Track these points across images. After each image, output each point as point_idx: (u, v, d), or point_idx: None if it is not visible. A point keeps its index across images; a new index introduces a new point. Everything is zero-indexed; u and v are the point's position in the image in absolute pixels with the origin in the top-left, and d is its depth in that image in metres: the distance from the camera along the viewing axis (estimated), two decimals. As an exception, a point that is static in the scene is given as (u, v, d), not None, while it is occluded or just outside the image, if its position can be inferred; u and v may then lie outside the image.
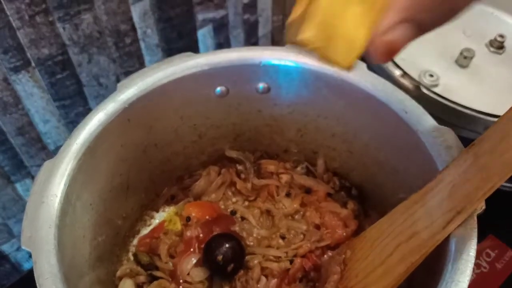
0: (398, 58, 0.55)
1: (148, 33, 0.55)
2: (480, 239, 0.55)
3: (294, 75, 0.41)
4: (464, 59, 0.60)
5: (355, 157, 0.45)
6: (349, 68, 0.27)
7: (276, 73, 0.41)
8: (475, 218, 0.30)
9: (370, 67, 0.40)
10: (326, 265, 0.41)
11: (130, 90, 0.38)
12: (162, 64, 0.40)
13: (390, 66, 0.51)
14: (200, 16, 0.60)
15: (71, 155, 0.34)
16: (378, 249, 0.35)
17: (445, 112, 0.51)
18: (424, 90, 0.49)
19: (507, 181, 0.57)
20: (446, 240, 0.30)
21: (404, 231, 0.33)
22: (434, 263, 0.30)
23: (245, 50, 0.41)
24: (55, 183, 0.33)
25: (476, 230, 0.30)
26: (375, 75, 0.38)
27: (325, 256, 0.43)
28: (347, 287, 0.37)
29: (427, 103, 0.47)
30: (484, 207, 0.30)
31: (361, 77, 0.38)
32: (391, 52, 0.25)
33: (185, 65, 0.40)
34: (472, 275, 0.53)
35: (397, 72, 0.51)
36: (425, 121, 0.35)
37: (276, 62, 0.40)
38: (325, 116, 0.44)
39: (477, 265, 0.52)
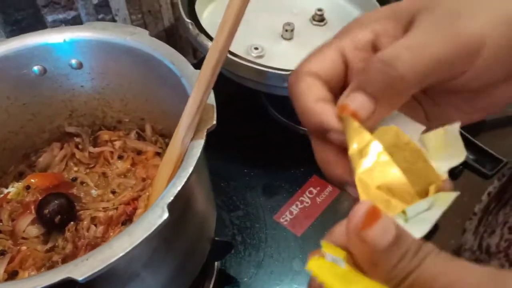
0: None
1: (-4, 35, 0.61)
2: (305, 180, 0.64)
3: (95, 48, 0.48)
4: (286, 32, 0.69)
5: (168, 116, 0.52)
6: None
7: (81, 48, 0.48)
8: (205, 132, 0.37)
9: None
10: (140, 204, 0.48)
11: None
12: (-25, 50, 0.46)
13: (204, 40, 0.60)
14: (49, 18, 0.66)
15: None
16: (161, 175, 0.43)
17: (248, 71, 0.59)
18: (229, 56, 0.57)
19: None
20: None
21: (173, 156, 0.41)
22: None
23: (49, 30, 0.48)
24: None
25: (203, 141, 0.37)
26: (155, 40, 0.46)
27: (148, 201, 0.50)
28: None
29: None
30: (214, 124, 0.38)
31: (144, 42, 0.46)
32: (349, 114, 0.24)
33: (-4, 48, 0.46)
34: (297, 209, 0.61)
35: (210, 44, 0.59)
36: (187, 68, 0.43)
37: (77, 38, 0.48)
38: (134, 82, 0.51)
39: (300, 201, 0.60)
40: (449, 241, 0.60)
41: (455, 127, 0.25)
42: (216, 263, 0.54)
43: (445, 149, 0.24)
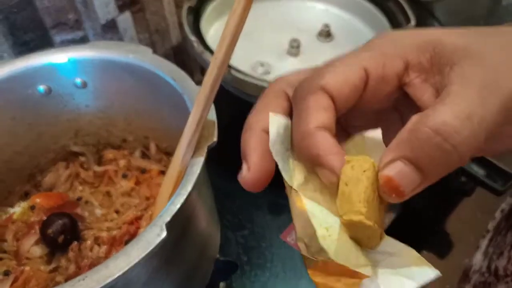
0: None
1: (5, 57, 0.62)
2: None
3: (99, 67, 0.48)
4: (292, 49, 0.69)
5: (172, 133, 0.52)
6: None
7: (85, 68, 0.48)
8: (205, 149, 0.37)
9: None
10: (142, 224, 0.47)
11: None
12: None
13: (208, 57, 0.60)
14: (57, 38, 0.67)
15: None
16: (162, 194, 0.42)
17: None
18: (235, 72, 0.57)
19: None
20: (188, 169, 0.37)
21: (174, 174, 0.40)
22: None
23: (53, 50, 0.48)
24: None
25: (204, 158, 0.36)
26: (157, 57, 0.46)
27: (151, 220, 0.49)
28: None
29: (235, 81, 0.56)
30: (215, 141, 0.38)
31: (146, 60, 0.46)
32: (392, 189, 0.21)
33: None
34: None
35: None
36: (189, 84, 0.43)
37: (80, 57, 0.48)
38: (137, 100, 0.51)
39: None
40: (463, 260, 0.58)
41: (377, 133, 0.23)
42: (221, 283, 0.53)
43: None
